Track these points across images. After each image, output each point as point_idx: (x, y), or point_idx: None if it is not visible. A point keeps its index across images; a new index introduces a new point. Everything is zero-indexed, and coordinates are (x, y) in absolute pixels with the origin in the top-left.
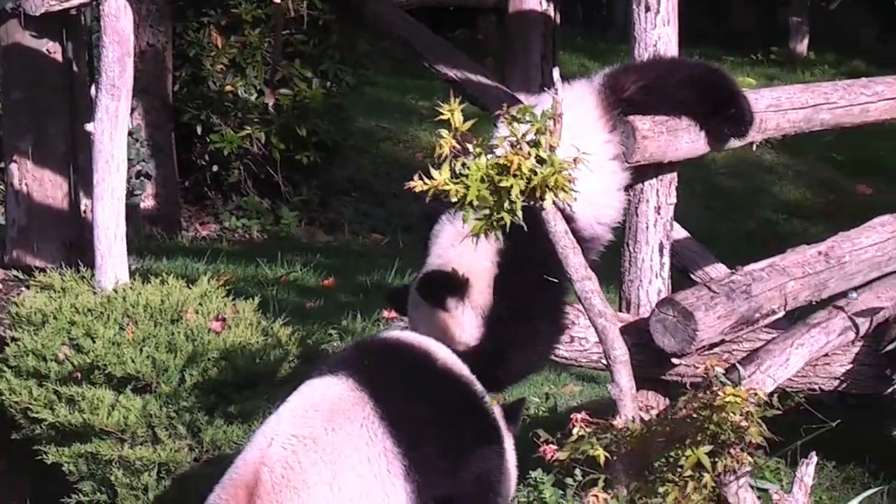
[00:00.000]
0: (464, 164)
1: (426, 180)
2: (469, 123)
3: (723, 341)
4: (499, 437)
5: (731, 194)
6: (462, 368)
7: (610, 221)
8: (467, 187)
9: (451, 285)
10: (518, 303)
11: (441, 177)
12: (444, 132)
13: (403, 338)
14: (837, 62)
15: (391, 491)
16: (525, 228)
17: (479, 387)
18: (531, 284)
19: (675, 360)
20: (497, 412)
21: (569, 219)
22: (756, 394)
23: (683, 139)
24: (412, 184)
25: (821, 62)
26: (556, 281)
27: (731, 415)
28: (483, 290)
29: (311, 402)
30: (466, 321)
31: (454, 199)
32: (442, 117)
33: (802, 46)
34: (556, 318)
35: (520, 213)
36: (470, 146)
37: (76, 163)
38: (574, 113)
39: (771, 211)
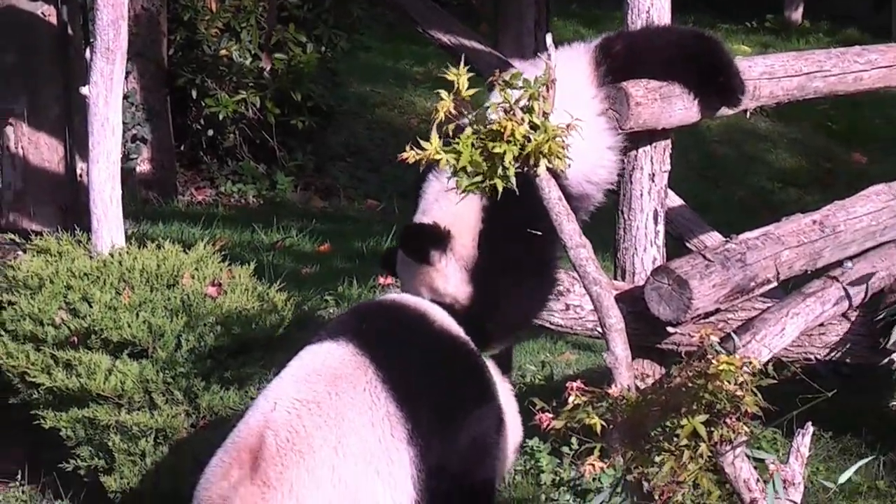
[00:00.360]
0: (456, 131)
1: (418, 151)
2: (472, 91)
3: (718, 310)
4: (494, 396)
5: (726, 162)
6: (457, 329)
7: (601, 181)
8: (459, 154)
9: (433, 238)
10: (502, 255)
11: (432, 146)
12: (443, 93)
13: (400, 300)
14: (832, 31)
15: (395, 455)
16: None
17: (473, 347)
18: (515, 237)
19: (670, 329)
20: (490, 366)
21: (555, 175)
22: (751, 362)
23: (677, 106)
24: (404, 155)
25: (815, 31)
26: (540, 234)
27: (726, 383)
28: (467, 244)
29: (313, 367)
30: (451, 273)
31: (446, 168)
32: (447, 78)
33: (797, 14)
34: (542, 272)
35: (513, 180)
36: (465, 112)
37: (71, 126)
38: (564, 73)
39: (766, 179)
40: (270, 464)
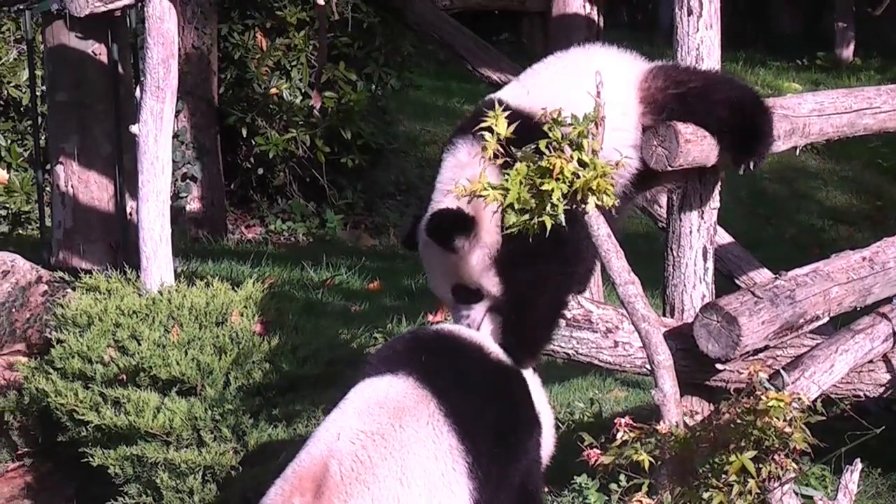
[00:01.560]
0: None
1: (466, 187)
2: (511, 128)
3: (767, 347)
4: (539, 423)
5: (776, 200)
6: (508, 360)
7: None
8: (507, 191)
9: (459, 225)
10: (524, 242)
11: (480, 182)
12: (487, 135)
13: (454, 331)
14: (883, 68)
15: (456, 488)
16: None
17: (523, 375)
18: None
19: (718, 366)
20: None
21: (603, 211)
22: (799, 399)
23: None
24: (453, 189)
25: (866, 67)
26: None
27: (775, 420)
28: (491, 230)
29: (376, 399)
30: (476, 261)
31: (493, 204)
32: (484, 124)
33: (848, 52)
34: (567, 261)
35: (562, 217)
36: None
37: (121, 165)
38: (614, 71)
39: (816, 217)
40: (335, 492)
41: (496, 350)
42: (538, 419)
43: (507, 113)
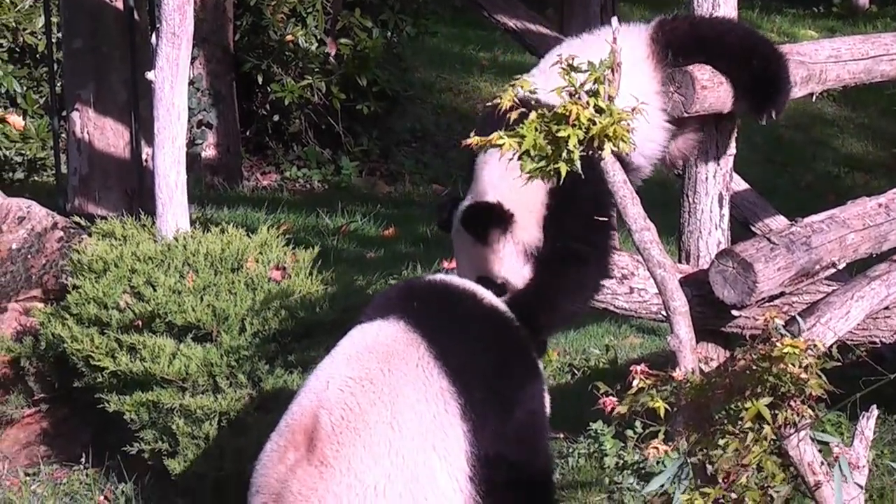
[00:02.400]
0: (519, 120)
1: (482, 137)
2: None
3: (782, 293)
4: (540, 374)
5: (792, 147)
6: (505, 308)
7: (651, 154)
8: (523, 138)
9: (497, 219)
10: (564, 243)
11: (495, 133)
12: (505, 95)
13: (448, 280)
14: None
15: (449, 430)
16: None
17: (520, 327)
18: (582, 225)
19: (734, 312)
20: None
21: (618, 155)
22: (815, 345)
23: None
24: (469, 141)
25: (883, 15)
26: (605, 220)
27: (791, 366)
28: (528, 227)
29: (364, 344)
30: (507, 256)
31: (509, 152)
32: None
33: None
34: (604, 263)
35: (578, 163)
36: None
37: (137, 111)
38: (622, 49)
39: (832, 164)
40: (326, 443)
41: (494, 300)
42: (536, 370)
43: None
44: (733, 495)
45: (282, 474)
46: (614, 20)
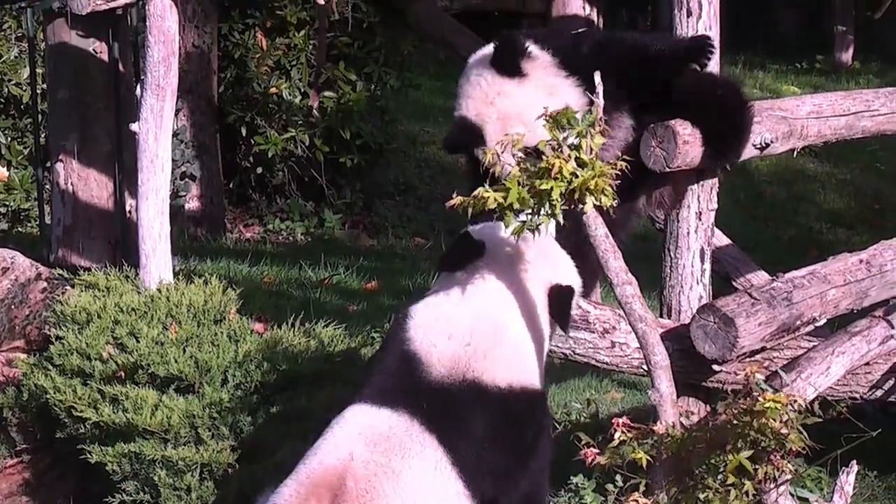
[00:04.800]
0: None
1: (465, 197)
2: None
3: (763, 348)
4: (548, 440)
5: (775, 202)
6: (518, 380)
7: None
8: (507, 192)
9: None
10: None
11: (479, 189)
12: (491, 146)
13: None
14: (882, 72)
15: None
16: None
17: (535, 393)
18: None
19: (715, 367)
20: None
21: (602, 212)
22: (796, 400)
23: None
24: (453, 202)
25: (865, 72)
26: None
27: (772, 421)
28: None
29: (380, 433)
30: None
31: (493, 206)
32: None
33: (847, 56)
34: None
35: (560, 217)
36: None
37: (121, 162)
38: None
39: (814, 219)
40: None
41: (503, 376)
42: (545, 443)
43: None
44: None
45: None
46: (597, 76)
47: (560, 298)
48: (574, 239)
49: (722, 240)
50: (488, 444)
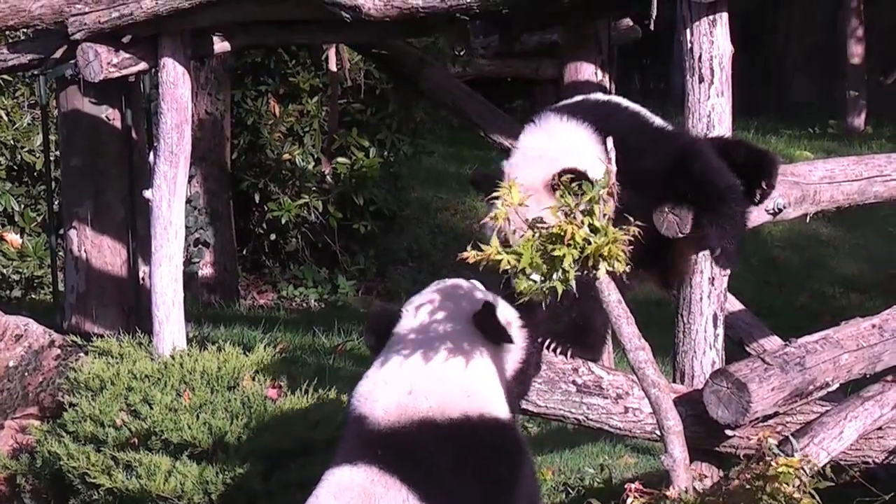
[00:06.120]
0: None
1: (478, 252)
2: (525, 197)
3: (776, 413)
4: (527, 464)
5: (788, 267)
6: (483, 409)
7: None
8: (520, 256)
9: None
10: None
11: (492, 247)
12: (499, 205)
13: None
14: (894, 137)
15: None
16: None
17: (502, 423)
18: None
19: (728, 432)
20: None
21: (615, 278)
22: (809, 464)
23: None
24: (465, 254)
25: (878, 136)
26: None
27: (785, 486)
28: None
29: (345, 485)
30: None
31: (506, 268)
32: (498, 193)
33: (860, 121)
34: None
35: (573, 282)
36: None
37: (135, 229)
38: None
39: (827, 284)
40: None
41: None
42: (521, 467)
43: None
44: None
45: None
46: (609, 142)
47: (483, 318)
48: (581, 303)
49: (735, 305)
50: (457, 479)
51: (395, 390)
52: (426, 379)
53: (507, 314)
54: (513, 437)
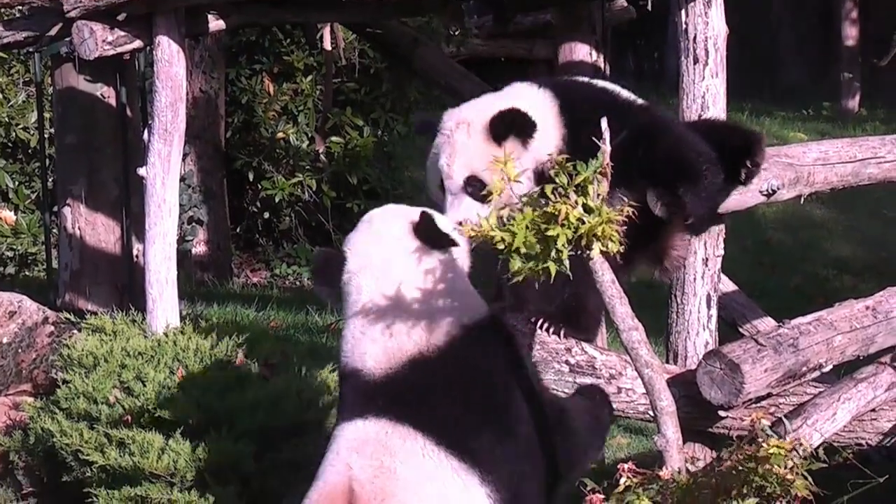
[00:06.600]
0: (511, 215)
1: (473, 228)
2: (520, 173)
3: (770, 395)
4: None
5: (781, 249)
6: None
7: None
8: (514, 234)
9: (520, 125)
10: None
11: (487, 223)
12: (496, 179)
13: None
14: (888, 119)
15: (478, 497)
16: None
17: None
18: None
19: (721, 413)
20: None
21: (608, 256)
22: (801, 446)
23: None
24: (462, 228)
25: (872, 118)
26: None
27: (777, 467)
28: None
29: (363, 439)
30: (519, 163)
31: (500, 247)
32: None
33: (853, 103)
34: None
35: (566, 263)
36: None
37: (129, 207)
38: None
39: (821, 266)
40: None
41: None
42: (517, 380)
43: None
44: None
45: None
46: (604, 122)
47: (423, 228)
48: (574, 283)
49: (728, 286)
50: (460, 407)
51: (375, 339)
52: (397, 316)
53: (443, 222)
54: (500, 335)
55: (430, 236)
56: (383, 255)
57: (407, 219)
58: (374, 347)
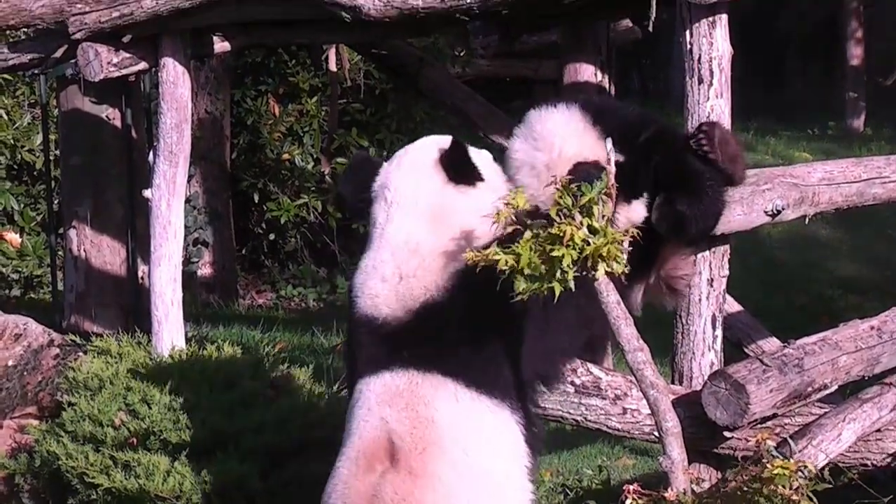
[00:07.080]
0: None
1: (478, 253)
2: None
3: (775, 415)
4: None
5: (786, 269)
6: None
7: None
8: (518, 256)
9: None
10: None
11: (491, 248)
12: (501, 206)
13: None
14: (893, 138)
15: (512, 429)
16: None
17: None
18: None
19: (727, 433)
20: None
21: (614, 279)
22: (806, 467)
23: (736, 211)
24: (465, 256)
25: (877, 138)
26: None
27: (782, 488)
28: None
29: (393, 391)
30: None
31: (504, 269)
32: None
33: (859, 122)
34: None
35: (572, 283)
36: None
37: (134, 229)
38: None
39: (826, 286)
40: (411, 458)
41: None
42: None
43: None
44: None
45: (373, 481)
46: (608, 143)
47: (450, 156)
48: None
49: (734, 306)
50: (482, 345)
51: (387, 281)
52: (409, 257)
53: (476, 155)
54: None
55: (456, 166)
56: (405, 178)
57: (440, 147)
58: (385, 290)
